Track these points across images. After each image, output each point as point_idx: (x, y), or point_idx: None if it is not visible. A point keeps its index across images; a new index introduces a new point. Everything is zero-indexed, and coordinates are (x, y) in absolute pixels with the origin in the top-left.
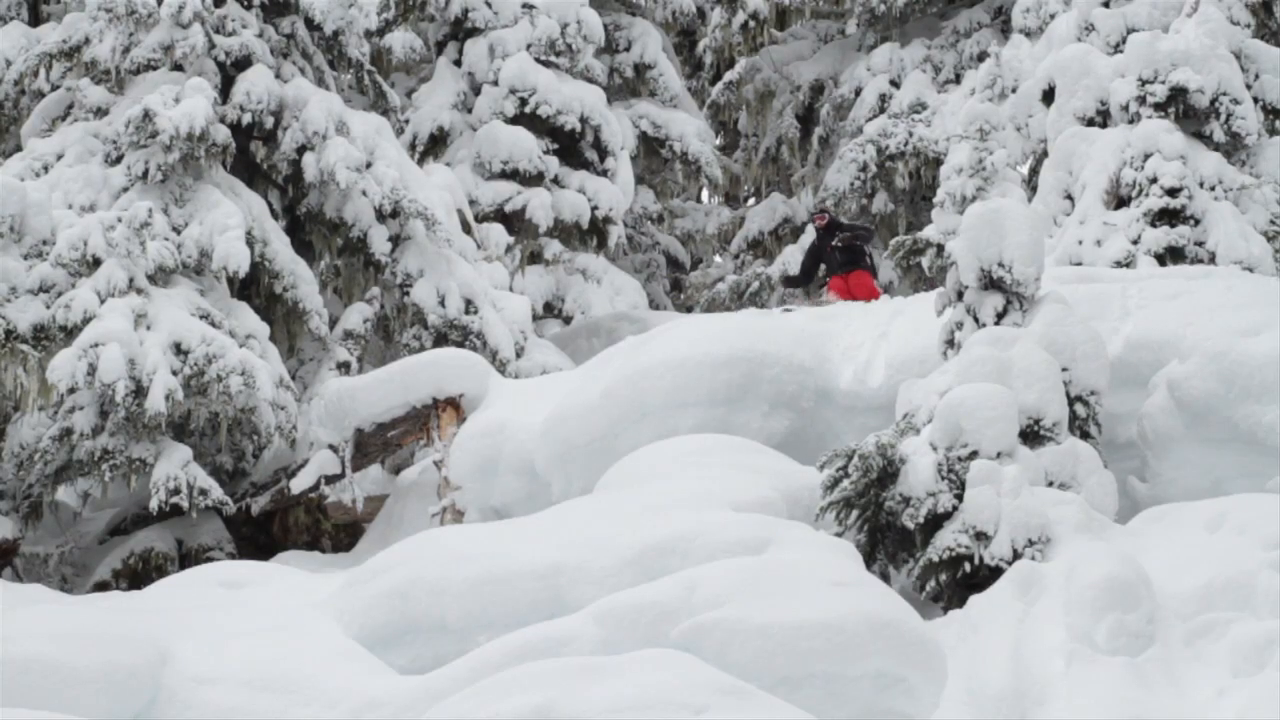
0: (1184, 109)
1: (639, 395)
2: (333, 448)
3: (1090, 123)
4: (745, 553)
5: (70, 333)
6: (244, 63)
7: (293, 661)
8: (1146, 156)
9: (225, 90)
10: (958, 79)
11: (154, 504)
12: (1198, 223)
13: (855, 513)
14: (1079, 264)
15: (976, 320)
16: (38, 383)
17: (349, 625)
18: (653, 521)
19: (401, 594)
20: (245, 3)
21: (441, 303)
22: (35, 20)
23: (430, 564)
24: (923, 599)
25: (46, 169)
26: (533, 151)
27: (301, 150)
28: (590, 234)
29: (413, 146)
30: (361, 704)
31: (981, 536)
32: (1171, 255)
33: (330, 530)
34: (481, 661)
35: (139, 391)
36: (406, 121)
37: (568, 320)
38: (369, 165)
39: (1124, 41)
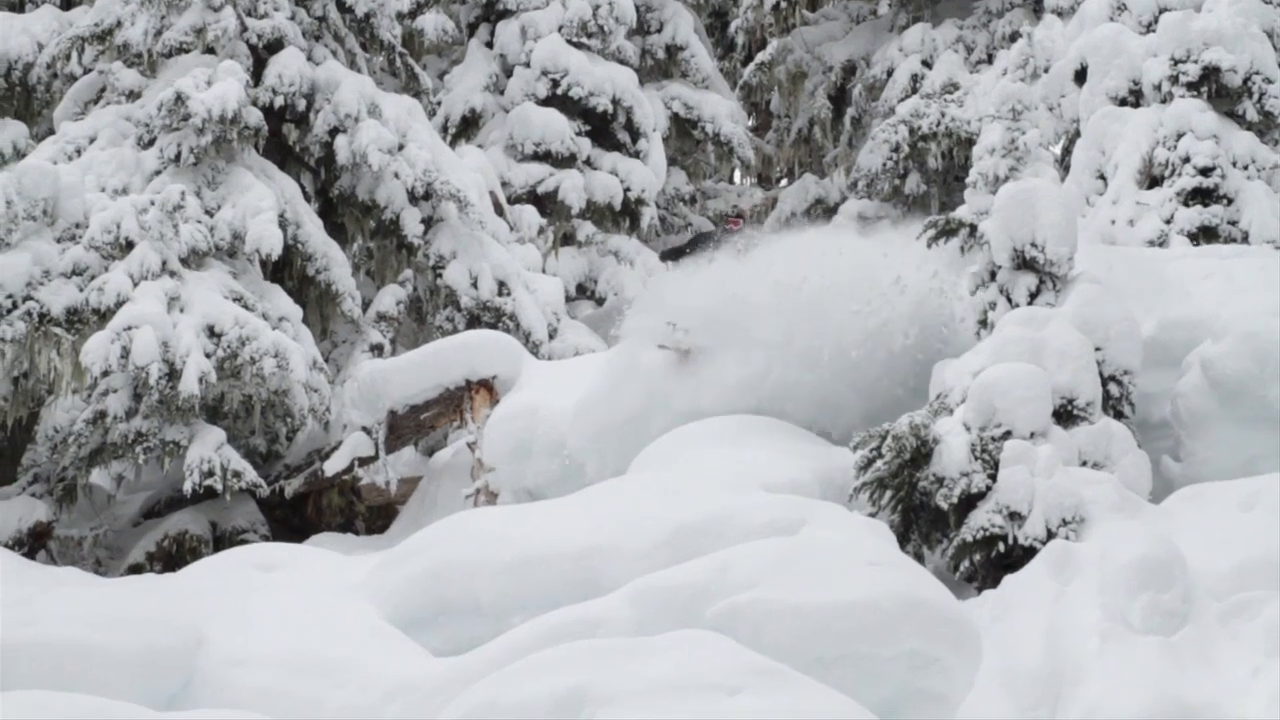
0: (1216, 88)
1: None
2: (366, 430)
3: (1123, 102)
4: (779, 533)
5: (103, 316)
6: (276, 45)
7: (327, 644)
8: (1179, 136)
9: (257, 73)
10: (990, 59)
11: (188, 486)
12: (1231, 202)
13: (889, 493)
14: (1112, 244)
15: (1009, 300)
16: (71, 366)
17: (383, 607)
18: (686, 503)
19: (435, 576)
20: None
21: (474, 284)
22: (67, 4)
23: (464, 546)
24: (956, 579)
25: (79, 152)
26: (565, 133)
27: (334, 133)
28: (623, 215)
29: (445, 129)
30: (395, 686)
31: (1015, 516)
32: (1204, 234)
33: (364, 512)
34: (515, 643)
35: (172, 374)
36: (438, 104)
37: (601, 302)
38: (401, 147)
39: (1156, 21)
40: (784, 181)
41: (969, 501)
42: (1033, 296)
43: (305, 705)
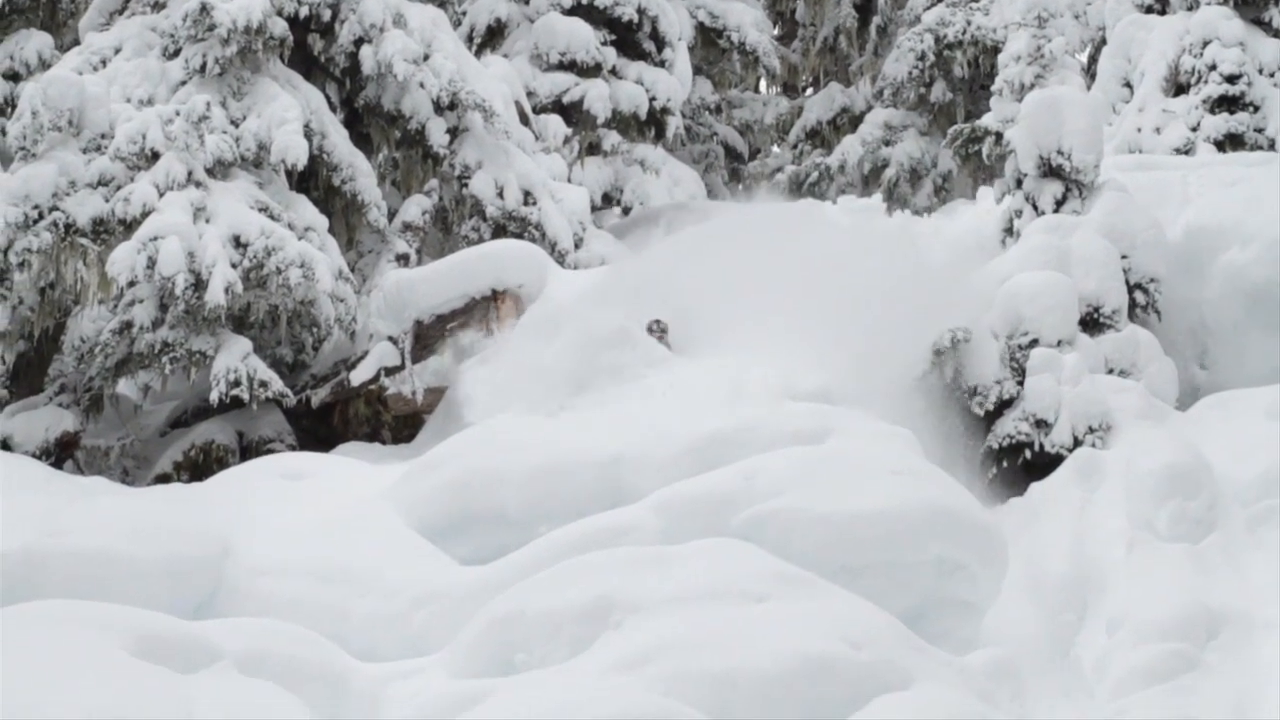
0: None
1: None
2: (392, 339)
3: (1149, 10)
4: (805, 442)
5: (129, 226)
6: None
7: (353, 552)
8: (1205, 43)
9: None
10: None
11: (214, 396)
12: (1257, 109)
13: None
14: (1138, 151)
15: (1035, 208)
16: (97, 276)
17: (409, 516)
18: (712, 411)
19: (462, 485)
20: None
21: (500, 194)
22: None
23: (490, 455)
24: (984, 487)
25: (104, 63)
26: (590, 43)
27: (359, 43)
28: (648, 125)
29: (470, 39)
30: (422, 594)
31: (1042, 424)
32: (1231, 142)
33: (390, 422)
34: (542, 552)
35: (198, 284)
36: (463, 14)
37: (626, 211)
38: (426, 57)
39: None
40: (809, 91)
41: (999, 409)
42: (1059, 204)
43: (332, 614)
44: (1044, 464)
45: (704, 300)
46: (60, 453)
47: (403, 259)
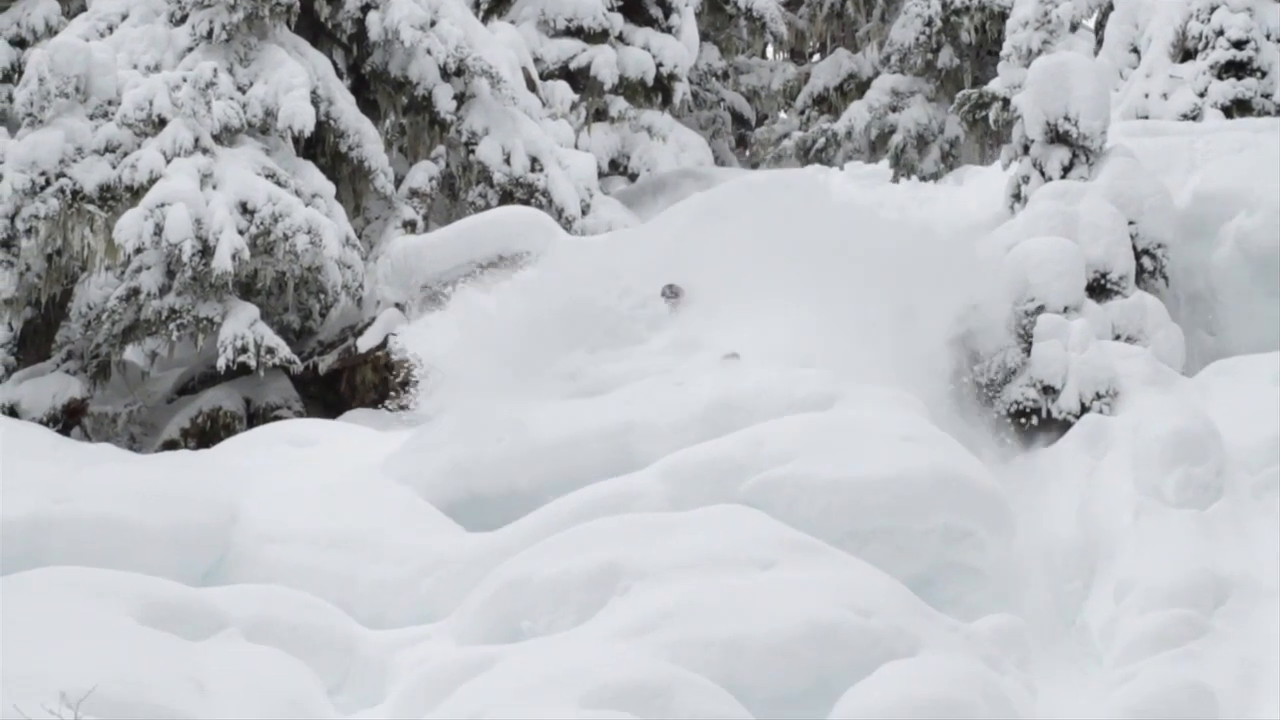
0: None
1: (708, 250)
2: (399, 306)
3: None
4: (812, 409)
5: (136, 193)
6: None
7: (361, 519)
8: (1213, 9)
9: None
10: None
11: (221, 363)
12: (1264, 75)
13: None
14: (1145, 117)
15: (1042, 174)
16: (104, 243)
17: (417, 487)
18: (720, 378)
19: (467, 472)
20: None
21: (507, 160)
22: None
23: (496, 435)
24: (991, 453)
25: (111, 29)
26: (597, 8)
27: (365, 9)
28: (655, 91)
29: (476, 5)
30: (430, 561)
31: (1049, 390)
32: (1238, 108)
33: (398, 388)
34: (550, 518)
35: (205, 251)
36: None
37: (633, 177)
38: (433, 23)
39: None
40: (816, 57)
41: (1005, 376)
42: (1066, 170)
43: (339, 580)
44: (1051, 430)
45: (712, 271)
46: (67, 419)
47: (410, 225)
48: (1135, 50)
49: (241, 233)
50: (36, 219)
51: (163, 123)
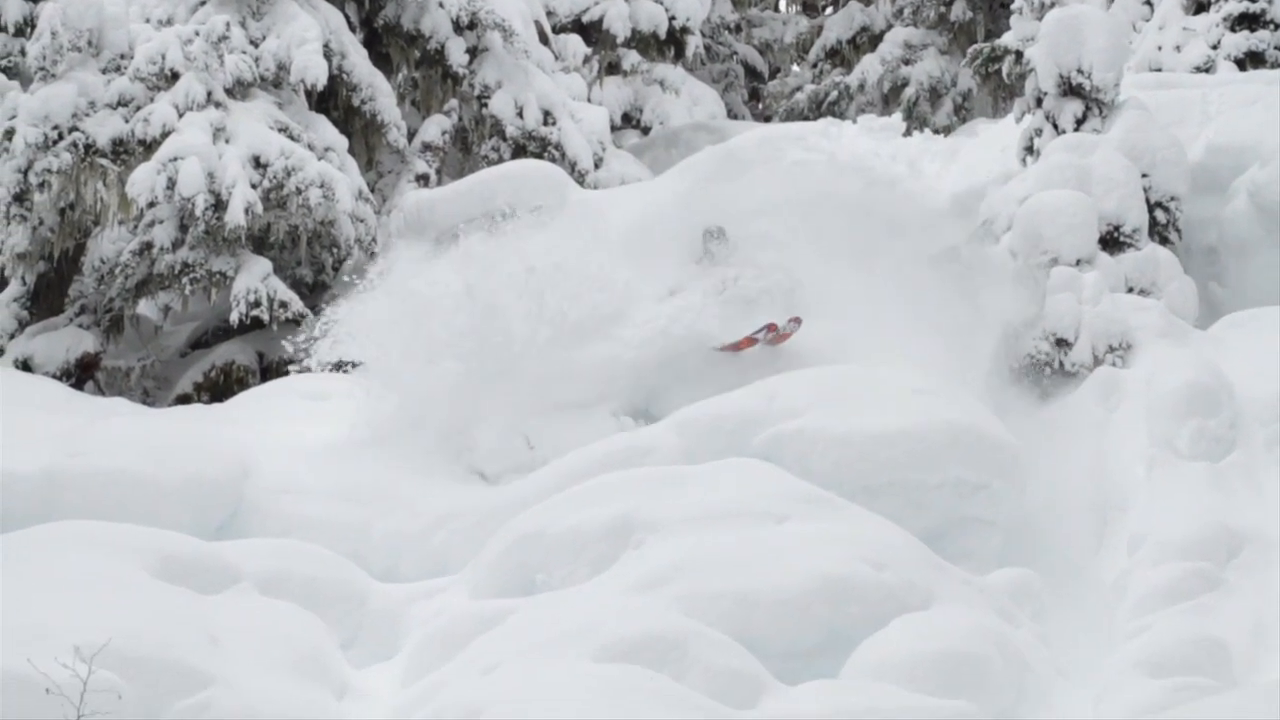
0: None
1: (720, 202)
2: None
3: None
4: (826, 361)
5: (149, 147)
6: None
7: (375, 473)
8: None
9: None
10: None
11: (234, 317)
12: (1278, 27)
13: None
14: (1158, 70)
15: (1055, 127)
16: (117, 197)
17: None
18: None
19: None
20: None
21: (520, 114)
22: None
23: None
24: (1004, 406)
25: None
26: None
27: None
28: (668, 44)
29: None
30: (444, 512)
31: (1062, 343)
32: (1251, 60)
33: None
34: (564, 471)
35: (218, 205)
36: None
37: (646, 131)
38: None
39: None
40: (829, 9)
41: (1018, 329)
42: (1079, 123)
43: (353, 533)
44: (1064, 383)
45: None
46: (81, 374)
47: (422, 179)
48: (1148, 3)
49: (254, 186)
50: (49, 173)
51: (175, 76)
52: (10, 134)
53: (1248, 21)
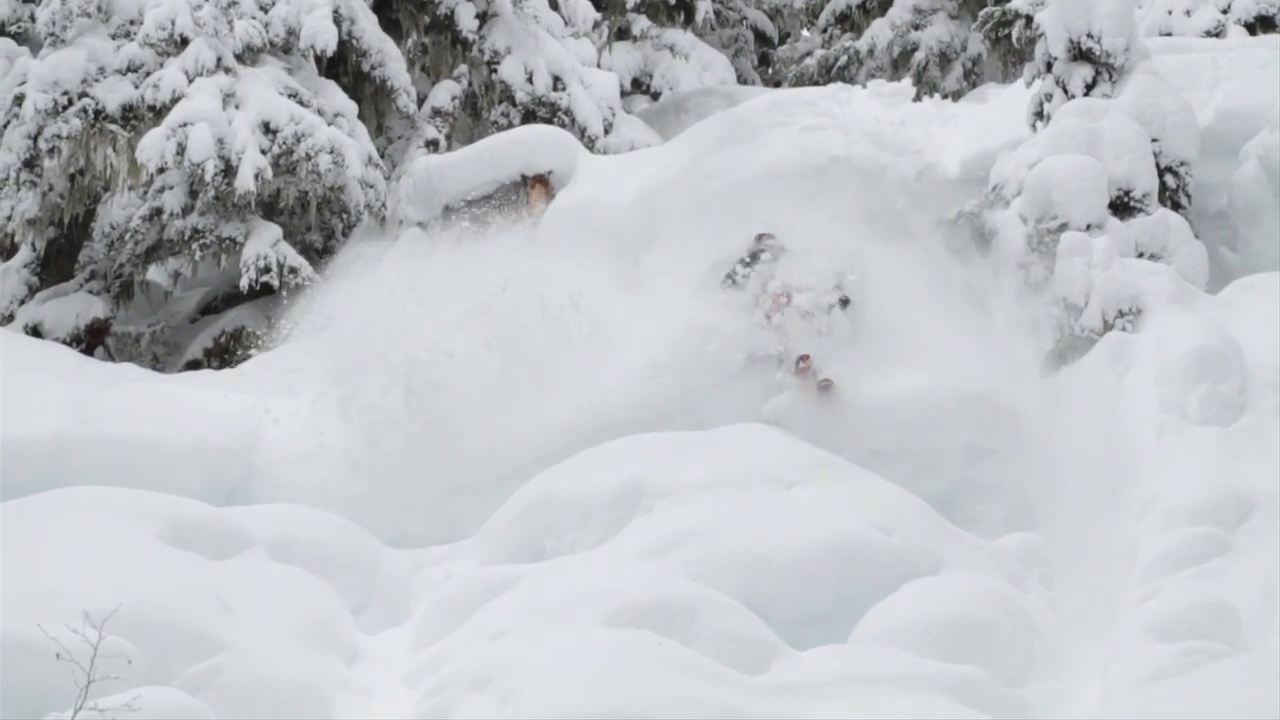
0: None
1: (730, 168)
2: (422, 225)
3: None
4: None
5: (159, 112)
6: None
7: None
8: None
9: None
10: None
11: (244, 283)
12: None
13: None
14: (1168, 34)
15: (1066, 91)
16: (127, 163)
17: None
18: None
19: None
20: None
21: (529, 79)
22: None
23: None
24: (1014, 371)
25: None
26: None
27: None
28: (677, 9)
29: None
30: (454, 480)
31: (1071, 308)
32: (1262, 24)
33: None
34: (573, 438)
35: (228, 170)
36: None
37: (656, 96)
38: None
39: None
40: None
41: (1027, 294)
42: (1089, 88)
43: (362, 499)
44: (1074, 347)
45: None
46: (90, 339)
47: (432, 145)
48: None
49: (264, 152)
50: (59, 139)
51: (185, 42)
52: (20, 100)
53: None
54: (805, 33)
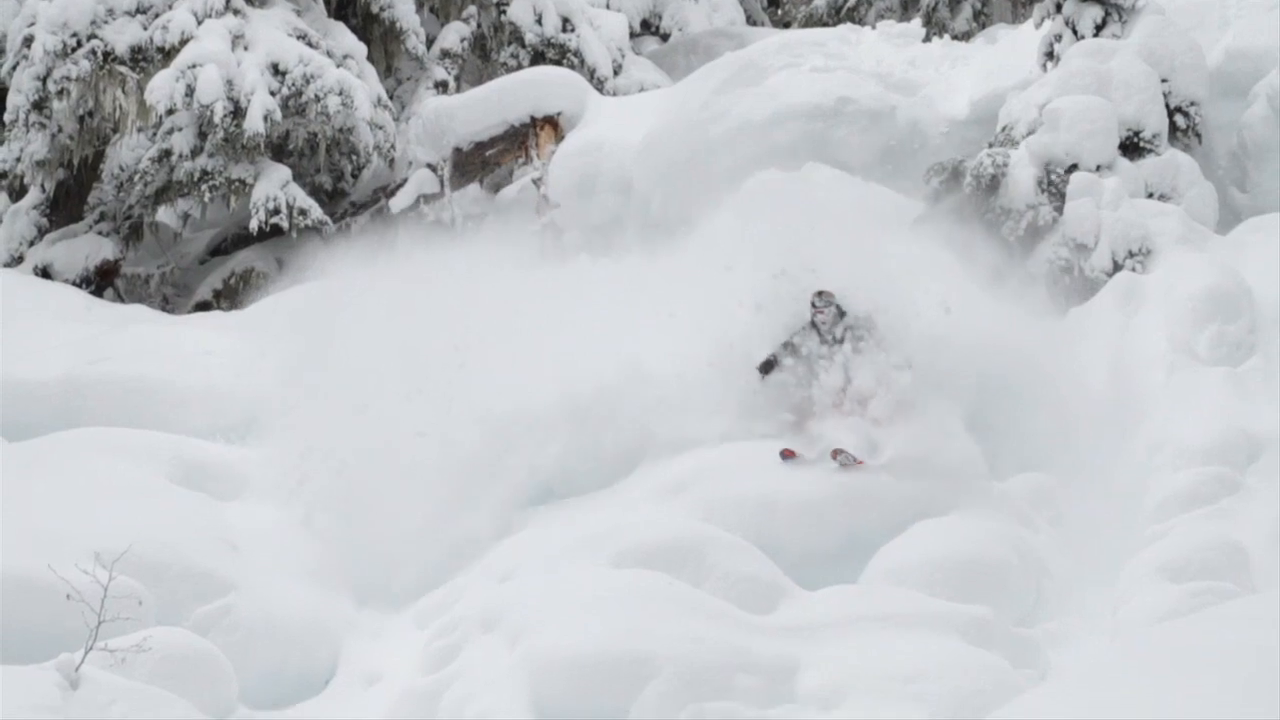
0: None
1: (740, 110)
2: (431, 167)
3: None
4: None
5: (168, 54)
6: None
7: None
8: None
9: None
10: None
11: (254, 224)
12: None
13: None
14: None
15: (1075, 32)
16: (136, 104)
17: None
18: None
19: None
20: None
21: (538, 21)
22: None
23: None
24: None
25: None
26: None
27: None
28: None
29: None
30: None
31: (1081, 249)
32: None
33: None
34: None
35: (237, 112)
36: None
37: (665, 37)
38: None
39: None
40: None
41: (1036, 234)
42: (1098, 28)
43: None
44: (1084, 288)
45: None
46: (100, 281)
47: (441, 86)
48: None
49: (273, 94)
50: (68, 80)
51: None
52: (29, 41)
53: None
54: None
